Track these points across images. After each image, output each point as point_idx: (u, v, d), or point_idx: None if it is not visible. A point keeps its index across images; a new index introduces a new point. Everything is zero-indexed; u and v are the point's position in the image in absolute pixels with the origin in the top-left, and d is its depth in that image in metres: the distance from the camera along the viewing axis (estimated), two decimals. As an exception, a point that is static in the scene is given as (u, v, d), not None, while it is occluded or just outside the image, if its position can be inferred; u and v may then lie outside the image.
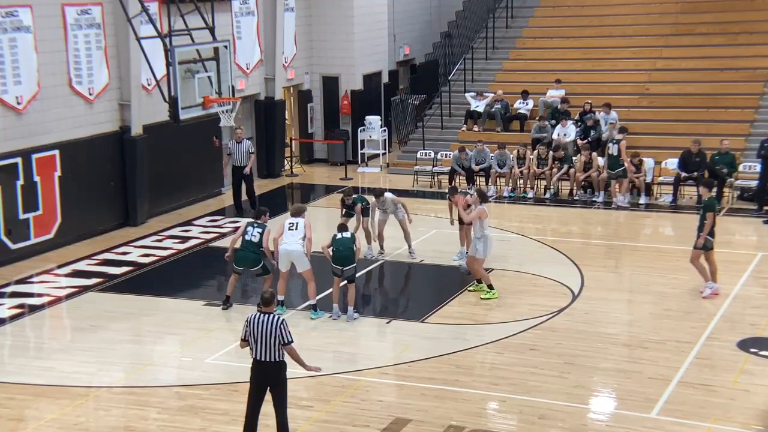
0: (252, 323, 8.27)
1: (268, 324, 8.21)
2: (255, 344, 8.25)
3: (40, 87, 14.91)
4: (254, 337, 8.24)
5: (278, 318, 8.28)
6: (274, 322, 8.21)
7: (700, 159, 17.41)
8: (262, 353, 8.24)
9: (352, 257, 11.94)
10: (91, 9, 15.80)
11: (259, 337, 8.21)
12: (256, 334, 8.22)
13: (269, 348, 8.20)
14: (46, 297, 13.11)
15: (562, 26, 23.26)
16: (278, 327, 8.20)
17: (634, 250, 14.89)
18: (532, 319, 11.78)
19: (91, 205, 15.87)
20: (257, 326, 8.24)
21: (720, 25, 21.76)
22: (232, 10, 18.98)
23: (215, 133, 18.38)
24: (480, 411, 9.47)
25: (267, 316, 8.27)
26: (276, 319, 8.25)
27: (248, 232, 12.12)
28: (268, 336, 8.18)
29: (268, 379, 8.35)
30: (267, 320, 8.23)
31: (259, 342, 8.21)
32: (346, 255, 11.90)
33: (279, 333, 8.18)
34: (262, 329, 8.21)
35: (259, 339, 8.21)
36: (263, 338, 8.19)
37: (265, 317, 8.27)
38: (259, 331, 8.21)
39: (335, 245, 12.03)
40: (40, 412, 9.56)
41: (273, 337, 8.17)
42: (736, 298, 12.50)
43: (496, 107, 20.82)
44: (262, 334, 8.19)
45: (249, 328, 8.28)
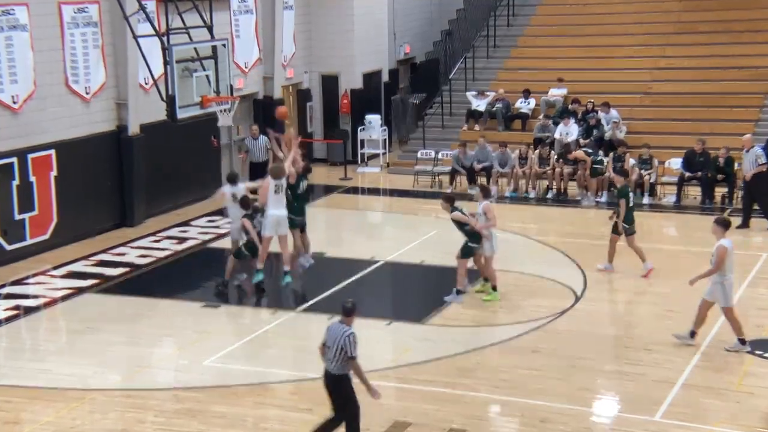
0: (329, 330, 8.17)
1: (338, 334, 8.05)
2: (328, 351, 8.14)
3: (37, 86, 14.80)
4: (328, 344, 8.13)
5: (347, 331, 8.06)
6: (342, 334, 8.03)
7: (704, 158, 17.29)
8: (328, 361, 8.14)
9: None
10: (87, 7, 15.67)
11: (330, 345, 8.08)
12: (330, 342, 8.10)
13: (334, 358, 8.06)
14: (41, 298, 12.99)
15: (564, 24, 23.13)
16: (344, 339, 8.00)
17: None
18: (535, 321, 11.65)
19: (88, 205, 15.74)
20: (331, 334, 8.11)
21: (723, 24, 21.63)
22: (231, 8, 18.86)
23: (213, 132, 18.25)
24: (481, 414, 9.34)
25: (340, 326, 8.11)
26: (345, 331, 8.05)
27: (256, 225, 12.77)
28: (336, 346, 8.03)
29: (328, 388, 8.24)
30: (339, 330, 8.08)
31: (330, 350, 8.09)
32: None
33: (343, 345, 7.99)
34: (334, 338, 8.06)
35: (330, 347, 8.09)
36: (332, 347, 8.05)
37: (340, 327, 8.11)
38: (331, 339, 8.08)
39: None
40: (35, 415, 9.45)
41: (339, 348, 8.01)
42: (741, 299, 12.34)
43: (498, 106, 20.69)
44: (332, 343, 8.05)
45: (326, 334, 8.18)
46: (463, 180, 18.86)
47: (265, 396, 9.80)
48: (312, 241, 15.68)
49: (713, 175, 17.19)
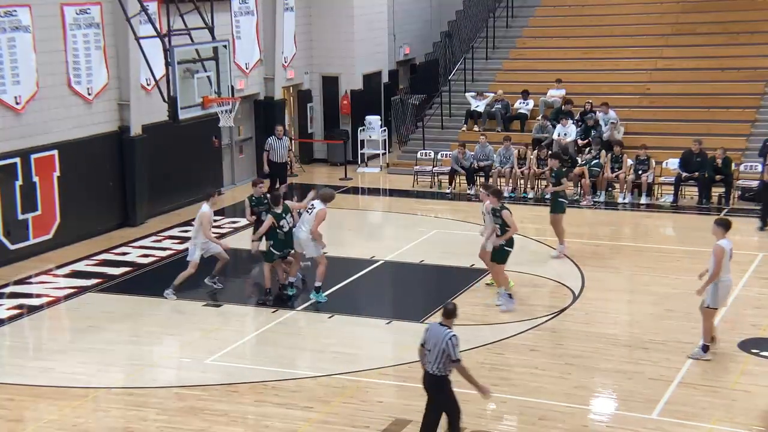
0: (429, 332, 8.15)
1: (440, 337, 8.01)
2: (428, 353, 8.10)
3: (39, 87, 14.88)
4: (428, 346, 8.10)
5: (449, 334, 8.02)
6: (443, 336, 8.00)
7: (702, 159, 17.38)
8: (429, 363, 8.11)
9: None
10: (90, 9, 15.76)
11: (431, 347, 8.06)
12: (430, 344, 8.07)
13: (435, 360, 8.03)
14: (45, 297, 13.07)
15: (563, 26, 23.22)
16: (446, 342, 7.97)
17: (635, 251, 14.85)
18: (533, 320, 11.73)
19: (90, 205, 15.83)
20: (431, 336, 8.08)
21: (721, 25, 21.72)
22: (232, 9, 18.94)
23: (215, 133, 18.35)
24: (480, 412, 9.42)
25: (441, 328, 8.07)
26: (446, 334, 8.01)
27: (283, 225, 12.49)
28: (437, 348, 8.00)
29: (428, 391, 8.23)
30: (440, 332, 8.04)
31: (430, 352, 8.06)
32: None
33: (445, 348, 7.96)
34: (434, 340, 8.03)
35: (430, 349, 8.06)
36: (433, 349, 8.03)
37: (441, 329, 8.07)
38: (432, 341, 8.05)
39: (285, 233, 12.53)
40: (39, 413, 9.53)
41: (440, 350, 7.99)
42: (737, 298, 12.45)
43: (497, 107, 20.78)
44: (433, 345, 8.04)
45: (426, 335, 8.16)
46: (462, 180, 18.96)
47: (267, 394, 9.89)
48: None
49: (711, 176, 17.29)
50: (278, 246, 12.61)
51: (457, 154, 18.67)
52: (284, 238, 12.51)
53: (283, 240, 12.59)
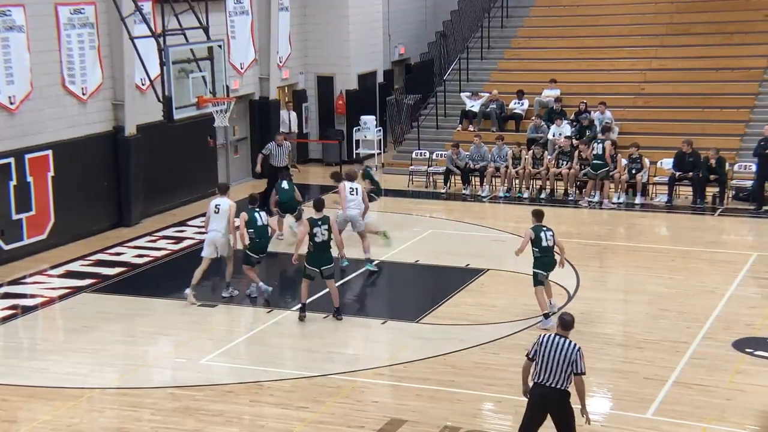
0: (545, 343, 7.74)
1: (564, 349, 7.66)
2: (542, 366, 7.71)
3: (33, 87, 14.84)
4: (544, 359, 7.70)
5: (576, 345, 7.72)
6: (571, 348, 7.68)
7: (694, 159, 17.42)
8: (548, 377, 7.69)
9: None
10: (84, 8, 15.73)
11: (549, 359, 7.67)
12: (547, 357, 7.69)
13: (558, 374, 7.65)
14: (39, 298, 13.05)
15: (558, 26, 23.24)
16: (575, 353, 7.65)
17: (630, 250, 14.88)
18: (528, 320, 11.75)
19: (85, 205, 15.80)
20: (551, 348, 7.69)
21: (715, 25, 21.77)
22: (227, 9, 18.92)
23: (210, 133, 18.33)
24: (475, 411, 9.44)
25: (564, 340, 7.72)
26: (574, 345, 7.70)
27: (316, 233, 11.69)
28: (560, 361, 7.64)
29: (549, 406, 7.78)
30: (563, 344, 7.69)
31: (548, 365, 7.67)
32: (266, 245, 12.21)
33: (574, 360, 7.63)
34: (557, 353, 7.66)
35: (549, 362, 7.68)
36: (554, 362, 7.66)
37: (562, 341, 7.72)
38: (552, 354, 7.67)
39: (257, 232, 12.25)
40: (33, 413, 9.51)
41: (566, 363, 7.63)
42: (732, 298, 12.49)
43: (492, 107, 20.80)
44: (553, 358, 7.66)
45: (540, 348, 7.76)
46: (457, 180, 18.97)
47: (262, 394, 9.88)
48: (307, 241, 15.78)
49: (705, 176, 17.33)
50: (254, 249, 12.46)
51: (452, 154, 18.69)
52: (312, 251, 11.60)
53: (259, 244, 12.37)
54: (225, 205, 12.71)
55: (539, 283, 11.76)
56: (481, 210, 17.90)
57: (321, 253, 11.57)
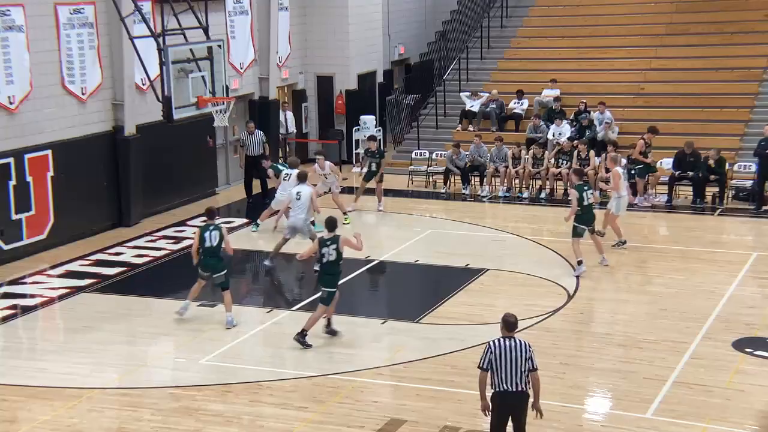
0: (497, 350, 7.53)
1: (518, 350, 7.50)
2: (501, 372, 7.51)
3: (33, 87, 14.83)
4: (501, 365, 7.50)
5: (526, 342, 7.59)
6: (524, 347, 7.52)
7: (695, 159, 17.42)
8: (507, 382, 7.52)
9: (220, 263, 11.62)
10: (83, 8, 15.72)
11: (507, 364, 7.49)
12: (504, 362, 7.50)
13: (518, 376, 7.50)
14: (38, 298, 13.04)
15: (557, 26, 23.24)
16: (529, 350, 7.52)
17: (630, 250, 14.86)
18: (528, 320, 11.73)
19: (84, 205, 15.79)
20: (504, 353, 7.51)
21: (715, 25, 21.77)
22: (226, 9, 18.92)
23: (209, 133, 18.33)
24: (475, 411, 9.36)
25: (514, 341, 7.56)
26: (525, 343, 7.56)
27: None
28: (518, 362, 7.49)
29: (513, 410, 7.62)
30: (515, 345, 7.53)
31: (507, 370, 7.49)
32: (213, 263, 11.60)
33: (530, 356, 7.51)
34: (511, 355, 7.49)
35: (507, 366, 7.49)
36: (512, 365, 7.48)
37: (513, 342, 7.56)
38: (507, 358, 7.49)
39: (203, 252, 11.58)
40: (33, 413, 9.51)
41: (524, 362, 7.50)
42: (732, 298, 12.49)
43: (491, 107, 20.80)
44: (511, 361, 7.48)
45: (494, 356, 7.54)
46: (457, 180, 18.98)
47: (261, 394, 9.88)
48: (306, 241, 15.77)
49: (705, 176, 17.33)
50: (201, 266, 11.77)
51: (452, 154, 18.69)
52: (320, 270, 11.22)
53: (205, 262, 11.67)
54: (306, 192, 13.34)
55: (578, 235, 13.35)
56: (481, 210, 17.90)
57: (324, 276, 11.14)
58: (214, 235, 11.70)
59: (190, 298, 12.03)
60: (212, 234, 11.70)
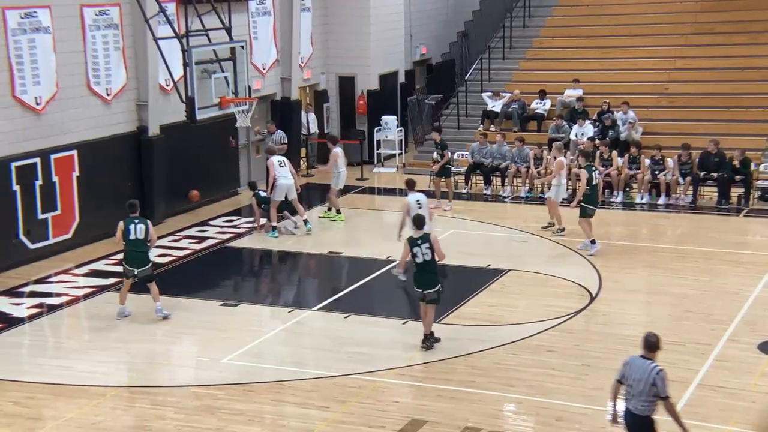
0: (630, 365, 7.41)
1: (645, 371, 7.30)
2: (628, 390, 7.40)
3: (59, 87, 14.99)
4: (628, 381, 7.40)
5: (656, 367, 7.32)
6: (650, 371, 7.30)
7: (720, 159, 17.26)
8: (631, 399, 7.40)
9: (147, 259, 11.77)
10: (109, 10, 15.87)
11: (633, 382, 7.35)
12: (631, 379, 7.37)
13: (639, 397, 7.34)
14: (64, 297, 13.18)
15: (580, 25, 23.12)
16: (653, 376, 7.28)
17: (653, 251, 14.77)
18: (549, 321, 11.70)
19: (109, 205, 15.90)
20: (633, 371, 7.37)
21: (740, 24, 21.55)
22: (249, 10, 19.01)
23: (232, 133, 18.43)
24: (496, 413, 9.42)
25: (645, 362, 7.37)
26: (653, 367, 7.32)
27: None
28: (642, 384, 7.31)
29: (629, 429, 7.51)
30: (644, 367, 7.33)
31: (632, 387, 7.36)
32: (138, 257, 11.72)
33: (653, 382, 7.28)
34: (638, 375, 7.32)
35: (632, 385, 7.36)
36: (636, 385, 7.34)
37: (645, 363, 7.36)
38: (634, 377, 7.34)
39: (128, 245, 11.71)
40: (58, 411, 9.62)
41: (647, 386, 7.30)
42: (757, 300, 12.36)
43: (513, 107, 20.73)
44: (636, 380, 7.34)
45: (625, 370, 7.46)
46: (479, 181, 18.92)
47: (283, 393, 9.92)
48: (329, 241, 15.87)
49: (729, 176, 17.16)
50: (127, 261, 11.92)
51: (478, 143, 18.73)
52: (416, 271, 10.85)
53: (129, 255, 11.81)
54: (423, 199, 13.36)
55: (587, 215, 14.00)
56: (503, 210, 17.85)
57: (425, 275, 10.86)
58: (140, 228, 11.84)
59: (121, 302, 12.12)
60: (138, 227, 11.84)
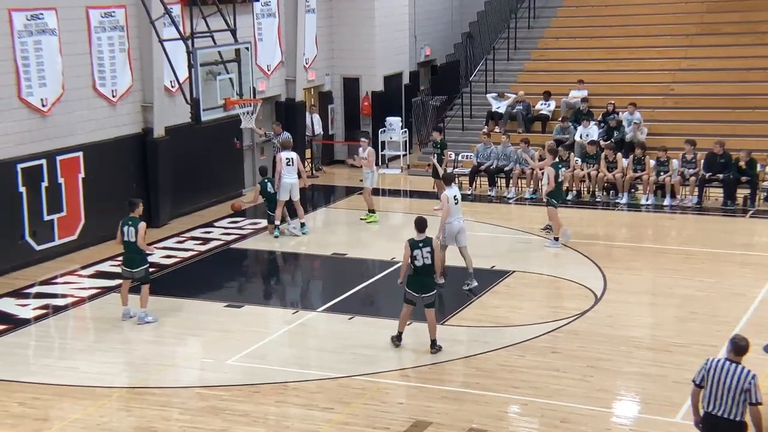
0: (713, 369, 7.25)
1: (736, 376, 7.16)
2: (712, 394, 7.22)
3: (65, 89, 15.04)
4: (713, 386, 7.22)
5: (749, 372, 7.19)
6: (743, 375, 7.16)
7: (725, 160, 17.23)
8: (718, 405, 7.20)
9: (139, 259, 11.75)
10: (114, 11, 15.91)
11: (720, 387, 7.19)
12: (717, 384, 7.20)
13: (729, 403, 7.16)
14: (69, 298, 13.21)
15: (585, 26, 23.11)
16: (747, 381, 7.13)
17: (659, 252, 14.75)
18: (554, 322, 11.68)
19: (115, 206, 15.89)
20: (720, 374, 7.19)
21: (747, 25, 21.51)
22: (254, 11, 19.04)
23: (236, 134, 18.45)
24: (501, 414, 9.41)
25: (735, 366, 7.21)
26: (747, 372, 7.18)
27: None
28: (733, 389, 7.15)
29: None
30: (734, 370, 7.19)
31: (719, 393, 7.19)
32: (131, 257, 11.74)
33: (747, 388, 7.12)
34: (727, 380, 7.17)
35: (719, 389, 7.19)
36: (724, 390, 7.17)
37: (733, 366, 7.21)
38: (722, 380, 7.18)
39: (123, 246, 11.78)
40: (64, 412, 9.64)
41: (738, 391, 7.13)
42: (763, 301, 12.33)
43: (518, 108, 20.72)
44: (724, 385, 7.17)
45: (708, 373, 7.27)
46: (483, 182, 18.91)
47: (287, 395, 9.93)
48: (334, 242, 15.89)
49: (735, 177, 17.13)
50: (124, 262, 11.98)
51: (483, 143, 18.73)
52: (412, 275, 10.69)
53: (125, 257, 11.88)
54: (459, 195, 13.41)
55: (553, 206, 14.64)
56: (507, 211, 17.84)
57: (423, 278, 10.76)
58: (131, 230, 11.82)
59: (124, 303, 12.12)
60: (129, 229, 11.84)
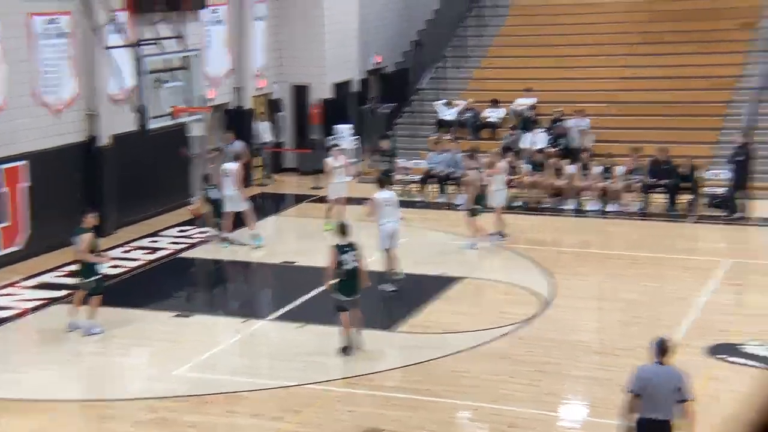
0: (646, 375, 7.29)
1: (668, 377, 7.20)
2: (650, 400, 7.20)
3: (7, 97, 14.72)
4: (650, 392, 7.20)
5: (678, 371, 7.27)
6: (674, 375, 7.22)
7: (669, 166, 17.61)
8: (657, 410, 7.19)
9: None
10: (58, 18, 15.63)
11: (655, 391, 7.19)
12: (653, 389, 7.21)
13: (667, 405, 7.17)
14: (11, 310, 12.91)
15: (533, 35, 23.43)
16: (680, 380, 7.18)
17: (605, 258, 15.00)
18: (503, 327, 11.79)
19: (60, 215, 15.64)
20: (653, 378, 7.23)
21: (688, 34, 22.05)
22: (202, 19, 18.89)
23: (185, 143, 18.26)
24: (451, 420, 9.46)
25: (665, 368, 7.27)
26: (676, 371, 7.25)
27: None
28: (668, 390, 7.17)
29: None
30: (665, 372, 7.24)
31: (655, 397, 7.17)
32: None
33: (680, 386, 7.18)
34: (661, 383, 7.19)
35: (655, 394, 7.18)
36: (661, 393, 7.17)
37: (663, 369, 7.27)
38: (657, 384, 7.20)
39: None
40: (7, 427, 9.41)
41: (672, 392, 7.18)
42: (705, 304, 12.62)
43: (467, 116, 20.90)
44: (660, 388, 7.19)
45: (642, 381, 7.28)
46: (433, 188, 19.02)
47: (237, 405, 9.85)
48: (283, 251, 15.82)
49: (676, 183, 17.52)
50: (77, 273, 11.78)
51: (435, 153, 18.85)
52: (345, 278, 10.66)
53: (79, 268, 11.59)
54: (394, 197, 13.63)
55: (474, 215, 15.02)
56: (456, 218, 17.95)
57: (353, 282, 10.81)
58: (77, 240, 11.69)
59: (73, 313, 11.90)
60: (75, 239, 11.73)
